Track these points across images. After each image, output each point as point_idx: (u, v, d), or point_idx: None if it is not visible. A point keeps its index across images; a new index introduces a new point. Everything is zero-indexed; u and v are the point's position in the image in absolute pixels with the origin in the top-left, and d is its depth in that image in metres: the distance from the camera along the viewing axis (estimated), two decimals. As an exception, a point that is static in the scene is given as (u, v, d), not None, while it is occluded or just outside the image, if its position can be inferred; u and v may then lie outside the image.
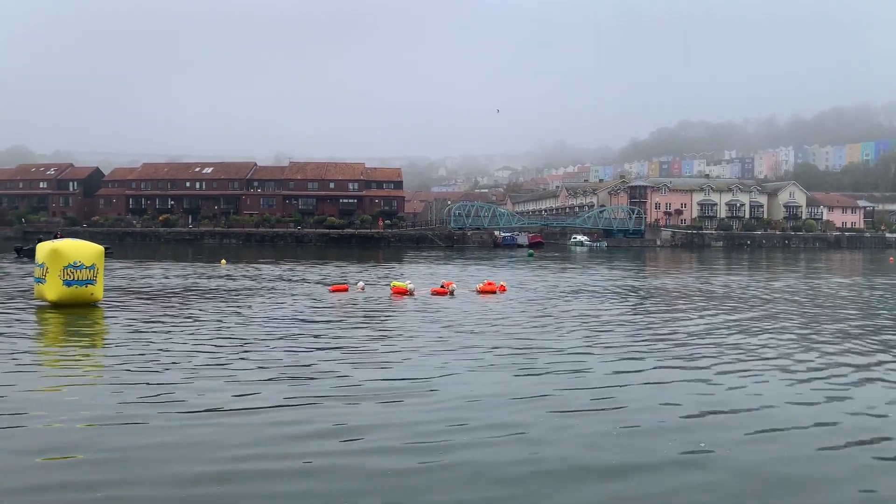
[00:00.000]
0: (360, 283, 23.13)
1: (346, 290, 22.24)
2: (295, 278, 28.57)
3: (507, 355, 11.41)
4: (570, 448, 6.80)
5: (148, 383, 9.10)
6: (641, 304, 20.46)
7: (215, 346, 11.91)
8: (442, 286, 22.14)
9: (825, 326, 15.67)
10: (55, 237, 23.74)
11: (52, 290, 16.64)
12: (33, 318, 15.48)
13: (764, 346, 12.84)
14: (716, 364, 10.98)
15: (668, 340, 13.28)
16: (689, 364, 10.97)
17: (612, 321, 16.01)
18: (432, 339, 12.95)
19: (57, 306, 16.60)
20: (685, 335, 14.06)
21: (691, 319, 16.59)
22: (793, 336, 14.12)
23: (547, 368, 10.46)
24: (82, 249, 17.12)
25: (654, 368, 10.58)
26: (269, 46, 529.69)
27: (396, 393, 8.77)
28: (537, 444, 6.88)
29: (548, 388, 9.20)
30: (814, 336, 14.17)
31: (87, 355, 11.38)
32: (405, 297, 20.50)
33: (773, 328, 15.21)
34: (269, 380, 9.40)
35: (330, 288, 22.91)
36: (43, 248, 17.22)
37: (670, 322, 16.18)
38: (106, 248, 50.81)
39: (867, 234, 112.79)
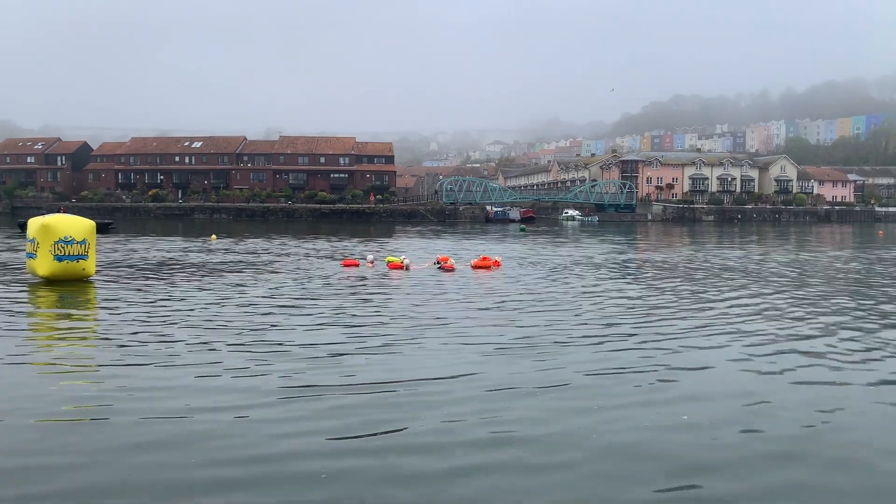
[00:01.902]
0: (370, 258, 23.15)
1: (357, 265, 22.30)
2: (293, 254, 28.49)
3: (519, 339, 10.71)
4: (615, 458, 6.03)
5: (137, 373, 8.41)
6: (641, 279, 20.52)
7: (211, 328, 11.31)
8: (436, 262, 22.24)
9: (829, 303, 15.78)
10: (59, 212, 23.80)
11: (44, 265, 16.54)
12: (24, 294, 15.40)
13: (785, 324, 12.54)
14: (745, 344, 10.53)
15: (682, 319, 12.81)
16: (713, 344, 10.45)
17: (615, 297, 15.73)
18: (436, 321, 12.23)
19: (49, 282, 16.53)
20: (696, 312, 13.90)
21: (696, 296, 16.52)
22: (810, 312, 14.15)
23: (561, 352, 9.82)
24: (73, 224, 17.00)
25: (677, 352, 9.92)
26: (259, 18, 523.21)
27: (406, 384, 8.06)
28: (577, 446, 6.25)
29: (569, 375, 8.53)
30: (810, 311, 14.27)
31: (76, 338, 10.79)
32: (402, 272, 20.50)
33: (789, 304, 15.17)
34: (265, 368, 8.68)
35: (342, 262, 23.03)
36: (34, 224, 17.11)
37: (675, 299, 16.01)
38: (109, 224, 50.52)
39: (857, 208, 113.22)
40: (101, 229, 45.74)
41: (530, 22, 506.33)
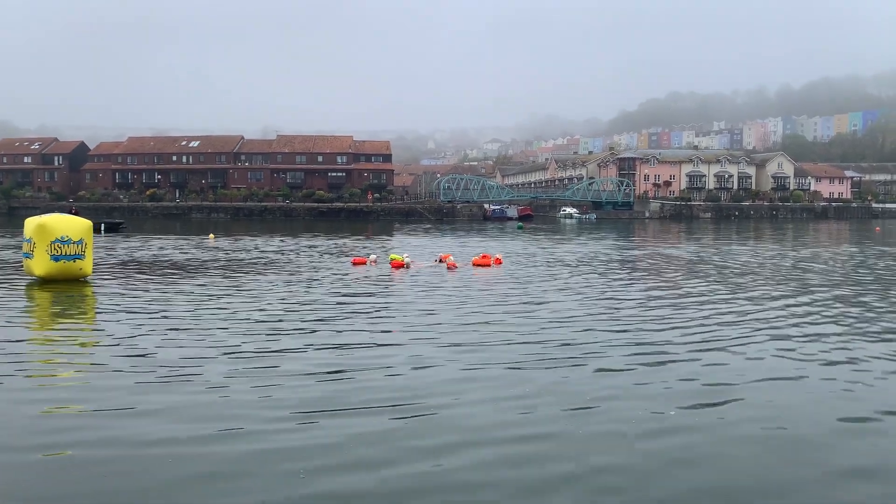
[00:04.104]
0: (373, 257, 23.31)
1: (364, 262, 22.51)
2: (291, 252, 28.48)
3: (538, 347, 9.98)
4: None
5: (133, 386, 7.82)
6: (646, 277, 20.51)
7: (210, 332, 10.81)
8: (440, 260, 22.31)
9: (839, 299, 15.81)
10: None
11: (40, 265, 16.54)
12: (21, 294, 15.37)
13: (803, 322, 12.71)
14: (780, 347, 10.09)
15: (699, 318, 12.58)
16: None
17: (625, 297, 15.52)
18: (444, 326, 11.52)
19: (45, 281, 16.53)
20: (711, 309, 13.84)
21: (709, 293, 16.50)
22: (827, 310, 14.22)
23: (582, 363, 9.06)
24: (70, 224, 17.00)
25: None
26: (256, 18, 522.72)
27: (417, 401, 7.33)
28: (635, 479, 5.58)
29: (603, 390, 7.84)
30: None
31: (68, 347, 10.03)
32: (404, 270, 20.51)
33: (804, 304, 15.31)
34: (268, 383, 7.95)
35: (352, 260, 23.21)
36: (30, 224, 17.11)
37: (687, 297, 15.89)
38: (120, 224, 51.21)
39: (854, 205, 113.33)
40: (113, 228, 46.30)
41: (527, 20, 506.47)
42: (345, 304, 14.10)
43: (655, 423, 6.82)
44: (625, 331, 11.30)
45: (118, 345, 9.90)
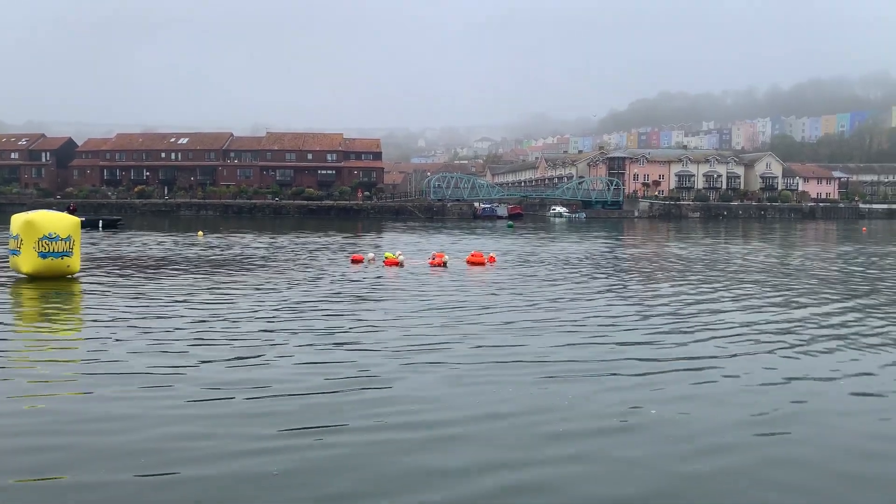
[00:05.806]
0: (370, 255, 23.50)
1: (362, 260, 22.75)
2: (284, 251, 28.36)
3: (542, 355, 9.35)
4: None
5: (122, 393, 7.41)
6: (644, 278, 20.54)
7: (202, 335, 10.40)
8: (433, 258, 22.32)
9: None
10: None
11: (27, 262, 16.39)
12: (7, 292, 15.20)
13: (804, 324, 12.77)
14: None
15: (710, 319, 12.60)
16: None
17: (625, 298, 15.47)
18: (440, 331, 10.99)
19: (32, 279, 16.39)
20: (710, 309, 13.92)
21: (705, 292, 16.59)
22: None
23: (586, 373, 8.38)
24: (57, 221, 16.84)
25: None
26: (245, 15, 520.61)
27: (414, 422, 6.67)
28: None
29: (611, 407, 7.15)
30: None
31: (52, 349, 9.79)
32: (399, 268, 20.49)
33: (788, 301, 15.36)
34: (256, 396, 7.34)
35: (351, 258, 23.44)
36: (17, 220, 16.94)
37: (691, 297, 15.92)
38: (118, 220, 51.22)
39: (841, 205, 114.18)
40: (111, 225, 46.27)
41: (517, 19, 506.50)
42: (339, 305, 13.95)
43: (697, 445, 6.15)
44: (635, 335, 10.87)
45: (104, 348, 9.61)
